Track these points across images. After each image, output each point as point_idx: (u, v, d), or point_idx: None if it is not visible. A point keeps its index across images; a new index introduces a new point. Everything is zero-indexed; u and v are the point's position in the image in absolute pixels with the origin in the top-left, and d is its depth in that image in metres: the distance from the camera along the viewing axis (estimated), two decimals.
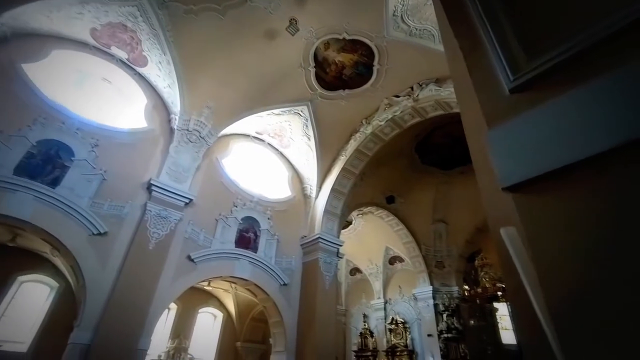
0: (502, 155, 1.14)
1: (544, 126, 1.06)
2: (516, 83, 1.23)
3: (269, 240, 10.47)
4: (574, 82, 1.02)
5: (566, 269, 0.88)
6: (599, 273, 0.81)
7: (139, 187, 8.15)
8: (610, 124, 0.88)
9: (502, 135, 1.17)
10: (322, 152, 11.43)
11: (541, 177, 1.00)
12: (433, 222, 14.63)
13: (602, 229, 0.86)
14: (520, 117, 1.14)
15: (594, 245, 0.86)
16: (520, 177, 1.07)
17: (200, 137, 9.28)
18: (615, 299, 0.75)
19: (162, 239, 7.86)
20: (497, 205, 1.58)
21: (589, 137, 0.94)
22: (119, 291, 6.88)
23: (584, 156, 0.92)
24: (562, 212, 0.93)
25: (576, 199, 0.93)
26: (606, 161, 0.86)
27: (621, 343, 0.70)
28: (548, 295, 0.87)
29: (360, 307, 17.30)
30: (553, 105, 1.05)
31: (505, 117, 1.23)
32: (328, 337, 9.76)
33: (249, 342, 13.66)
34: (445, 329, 13.30)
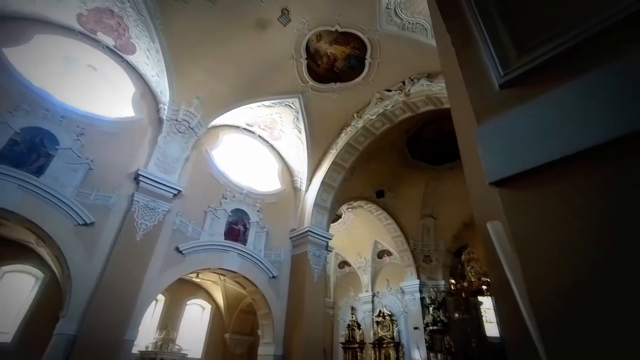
0: (490, 150, 1.14)
1: (531, 122, 1.07)
2: (506, 78, 1.23)
3: (258, 232, 10.45)
4: (562, 79, 1.03)
5: (549, 264, 0.89)
6: (582, 268, 0.83)
7: (126, 178, 8.01)
8: (598, 120, 0.89)
9: (491, 131, 1.17)
10: (312, 145, 11.40)
11: (527, 173, 1.00)
12: (421, 217, 14.80)
13: (585, 224, 0.87)
14: (509, 113, 1.14)
15: (577, 240, 0.87)
16: (507, 172, 1.07)
17: (189, 128, 9.13)
18: (597, 294, 0.77)
19: (149, 230, 7.76)
20: (484, 200, 1.60)
21: (576, 133, 0.95)
22: (106, 282, 6.80)
23: (570, 152, 0.93)
24: (547, 207, 0.95)
25: (561, 194, 0.94)
26: (592, 158, 0.87)
27: (601, 336, 0.72)
28: (531, 289, 0.88)
29: (349, 300, 17.49)
30: (541, 101, 1.06)
31: (494, 113, 1.24)
32: (316, 329, 9.85)
33: (237, 333, 13.71)
34: (431, 322, 13.56)
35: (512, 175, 1.06)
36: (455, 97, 2.15)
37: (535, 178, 1.02)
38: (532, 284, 0.89)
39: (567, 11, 1.09)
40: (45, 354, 6.10)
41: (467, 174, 1.79)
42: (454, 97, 2.17)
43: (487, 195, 1.56)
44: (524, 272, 0.93)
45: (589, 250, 0.82)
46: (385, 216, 14.49)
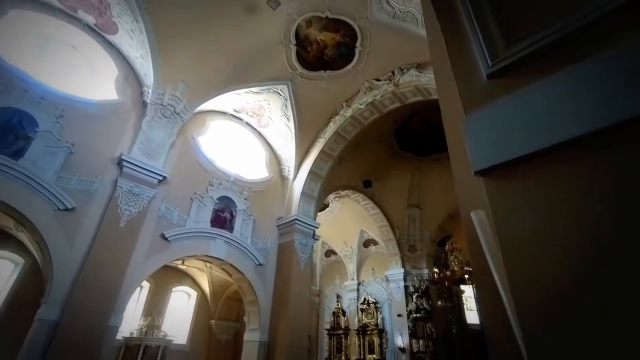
0: (476, 139, 1.15)
1: (518, 112, 1.07)
2: (494, 69, 1.23)
3: (245, 220, 10.41)
4: (549, 70, 1.03)
5: (530, 253, 0.91)
6: (562, 257, 0.85)
7: (109, 163, 7.80)
8: (584, 111, 0.90)
9: (477, 121, 1.18)
10: (300, 133, 11.32)
11: (512, 162, 1.02)
12: (407, 207, 15.00)
13: (567, 213, 0.89)
14: (496, 103, 1.15)
15: (558, 229, 0.89)
16: (491, 161, 1.08)
17: (175, 113, 8.92)
18: (577, 284, 0.79)
19: (134, 216, 7.63)
20: (468, 189, 1.62)
21: (560, 123, 0.96)
22: (89, 268, 6.70)
23: (555, 142, 0.94)
24: (529, 196, 0.96)
25: (543, 184, 0.96)
26: (577, 147, 0.88)
27: (579, 325, 0.74)
28: (512, 277, 0.90)
29: (334, 288, 17.73)
30: (528, 91, 1.06)
31: (481, 103, 1.24)
32: (302, 316, 9.98)
33: (223, 320, 13.77)
34: (414, 309, 13.91)
35: (497, 164, 1.07)
36: (443, 87, 2.16)
37: (520, 168, 1.03)
38: (513, 273, 0.91)
39: (556, 2, 1.09)
40: (27, 340, 6.02)
41: (453, 163, 1.81)
42: (442, 86, 2.17)
43: (472, 184, 1.59)
44: (505, 260, 0.95)
45: (570, 240, 0.84)
46: (372, 206, 14.62)
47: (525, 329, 0.83)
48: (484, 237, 1.25)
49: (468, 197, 1.57)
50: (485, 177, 1.11)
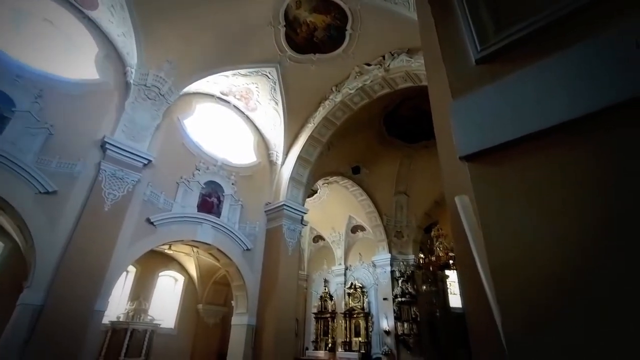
0: (462, 125, 1.15)
1: (504, 98, 1.07)
2: (482, 54, 1.22)
3: (232, 205, 10.35)
4: (536, 56, 1.03)
5: (510, 237, 0.92)
6: (540, 241, 0.86)
7: (92, 145, 7.58)
8: (569, 98, 0.90)
9: (464, 106, 1.18)
10: (289, 118, 11.19)
11: (497, 148, 1.02)
12: (395, 194, 15.16)
13: (547, 199, 0.90)
14: (484, 89, 1.14)
15: (538, 216, 0.90)
16: (477, 147, 1.09)
17: (159, 94, 8.66)
18: (554, 268, 0.80)
19: (118, 200, 7.49)
20: (454, 175, 1.64)
21: (546, 109, 0.96)
22: (73, 252, 6.60)
23: (539, 128, 0.95)
24: (510, 182, 0.97)
25: (527, 170, 0.96)
26: (560, 134, 0.89)
27: (555, 308, 0.76)
28: (492, 261, 0.91)
29: (322, 273, 17.97)
30: (515, 77, 1.06)
31: (469, 88, 1.24)
32: (289, 300, 10.11)
33: (211, 304, 13.85)
34: (399, 294, 14.27)
35: (481, 150, 1.08)
36: (432, 71, 2.15)
37: (504, 154, 1.04)
38: (493, 257, 0.92)
39: None
40: (9, 325, 5.95)
41: (439, 148, 1.82)
42: (431, 71, 2.16)
43: (457, 170, 1.60)
44: (486, 244, 0.96)
45: (551, 225, 0.85)
46: (360, 192, 14.71)
47: (504, 311, 0.85)
48: (467, 222, 1.27)
49: (453, 182, 1.59)
50: (470, 163, 1.12)
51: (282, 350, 9.30)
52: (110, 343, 10.56)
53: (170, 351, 11.88)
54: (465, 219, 1.28)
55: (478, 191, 1.05)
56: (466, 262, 1.32)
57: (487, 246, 0.96)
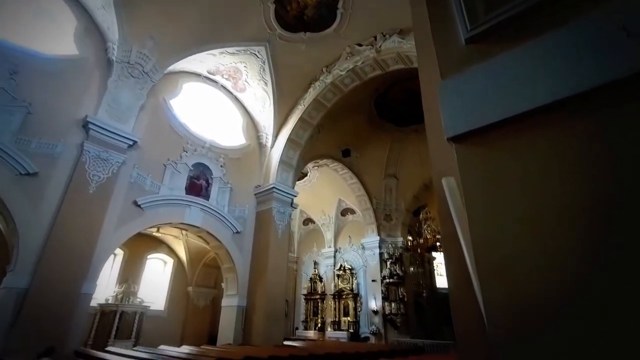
0: (450, 106, 1.14)
1: (492, 78, 1.06)
2: (472, 33, 1.19)
3: (221, 188, 10.27)
4: (525, 36, 1.01)
5: (493, 218, 0.92)
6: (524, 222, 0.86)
7: (73, 125, 7.32)
8: (557, 78, 0.89)
9: (453, 86, 1.16)
10: (279, 99, 11.00)
11: (484, 129, 1.01)
12: (385, 177, 15.26)
13: (531, 182, 0.90)
14: (472, 68, 1.12)
15: (520, 197, 0.90)
16: (464, 128, 1.08)
17: (143, 72, 8.35)
18: (533, 248, 0.80)
19: (103, 182, 7.33)
20: (441, 156, 1.63)
21: (535, 90, 0.95)
22: (57, 235, 6.49)
23: (527, 109, 0.94)
24: (497, 163, 0.96)
25: (510, 151, 0.96)
26: (548, 115, 0.88)
27: (534, 288, 0.77)
28: (475, 240, 0.91)
29: (312, 255, 18.21)
30: (505, 57, 1.04)
31: (458, 68, 1.21)
32: (279, 282, 10.24)
33: (201, 286, 13.94)
34: (387, 275, 14.63)
35: (469, 131, 1.07)
36: (423, 51, 2.11)
37: (491, 135, 1.03)
38: (476, 235, 0.93)
39: None
40: None
41: (428, 130, 1.80)
42: (422, 51, 2.12)
43: (445, 152, 1.59)
44: (470, 224, 0.96)
45: (531, 205, 0.85)
46: (350, 175, 14.76)
47: (485, 289, 0.85)
48: (452, 203, 1.27)
49: (441, 164, 1.58)
50: (457, 144, 1.11)
51: (272, 330, 9.49)
52: (99, 325, 10.58)
53: (161, 333, 11.99)
54: (451, 200, 1.28)
55: (464, 172, 1.04)
56: (451, 242, 1.33)
57: (471, 226, 0.96)
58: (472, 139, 1.05)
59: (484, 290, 0.83)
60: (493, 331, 0.80)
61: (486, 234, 0.89)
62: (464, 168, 1.05)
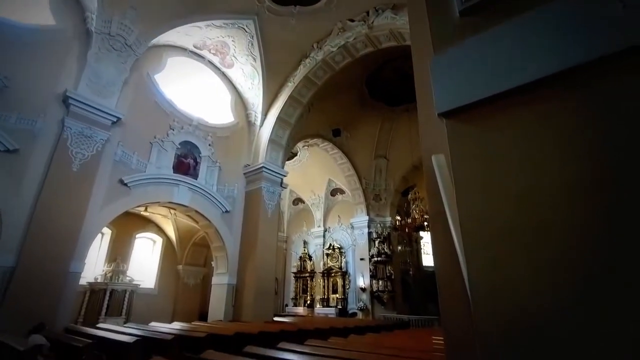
0: (442, 81, 1.11)
1: (485, 52, 1.03)
2: (467, 5, 1.15)
3: (210, 167, 10.14)
4: (519, 8, 0.97)
5: (481, 194, 0.92)
6: (511, 199, 0.85)
7: (53, 100, 7.02)
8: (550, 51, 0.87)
9: (445, 61, 1.13)
10: (268, 76, 10.72)
11: (475, 104, 0.99)
12: (375, 158, 15.29)
13: (519, 156, 0.89)
14: (465, 43, 1.09)
15: (507, 173, 0.89)
16: (455, 103, 1.05)
17: (125, 45, 7.98)
18: (522, 228, 0.80)
19: (87, 160, 7.13)
20: (431, 134, 1.61)
21: (527, 64, 0.93)
22: (42, 213, 6.38)
23: (520, 83, 0.91)
24: (486, 139, 0.95)
25: (500, 128, 0.94)
26: (542, 89, 0.86)
27: (520, 271, 0.77)
28: (462, 216, 0.91)
29: (301, 235, 18.39)
30: (499, 30, 1.01)
31: (451, 42, 1.17)
32: (269, 261, 10.35)
33: (191, 265, 14.00)
34: (376, 254, 14.96)
35: (460, 106, 1.05)
36: (416, 25, 2.04)
37: (481, 110, 1.01)
38: (464, 212, 0.92)
39: None
40: None
41: (419, 106, 1.77)
42: (415, 24, 2.05)
43: (436, 129, 1.56)
44: (458, 200, 0.96)
45: (519, 182, 0.84)
46: (340, 155, 14.73)
47: (470, 263, 0.85)
48: (441, 180, 1.26)
49: (430, 141, 1.56)
50: (448, 120, 1.09)
51: (262, 307, 9.67)
52: (89, 303, 10.61)
53: (152, 310, 12.09)
54: (440, 177, 1.27)
55: (454, 148, 1.03)
56: (439, 219, 1.33)
57: (458, 202, 0.95)
58: (462, 114, 1.03)
59: (469, 265, 0.83)
60: (477, 305, 0.81)
61: (474, 209, 0.88)
62: (454, 144, 1.04)
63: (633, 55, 0.75)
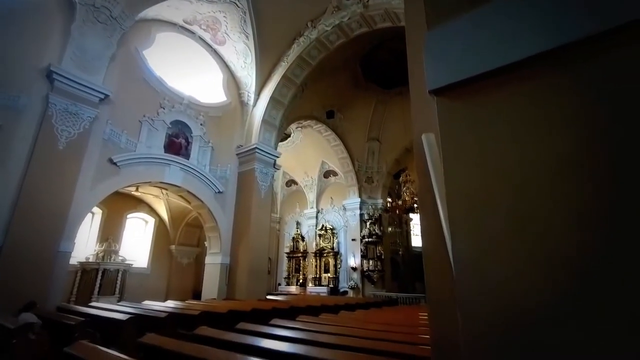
0: (434, 57, 1.08)
1: (479, 27, 0.99)
2: None
3: (202, 147, 10.01)
4: None
5: (469, 171, 0.91)
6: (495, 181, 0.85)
7: (36, 75, 6.76)
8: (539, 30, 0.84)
9: (438, 37, 1.09)
10: (261, 55, 10.46)
11: (467, 81, 0.97)
12: (368, 140, 15.26)
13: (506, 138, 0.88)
14: (460, 17, 1.05)
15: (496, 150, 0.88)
16: (447, 79, 1.03)
17: (111, 18, 7.64)
18: (508, 204, 0.80)
19: (74, 138, 6.97)
20: (423, 113, 1.60)
21: (521, 40, 0.90)
22: (29, 192, 6.27)
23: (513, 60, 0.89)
24: (477, 117, 0.93)
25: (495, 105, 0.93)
26: (532, 67, 0.84)
27: (504, 247, 0.77)
28: (449, 192, 0.91)
29: (294, 216, 18.52)
30: (490, 6, 0.97)
31: (446, 17, 1.13)
32: (262, 241, 10.44)
33: (184, 245, 14.06)
34: (367, 235, 15.20)
35: (452, 83, 1.03)
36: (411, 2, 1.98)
37: (473, 87, 0.99)
38: (451, 188, 0.92)
39: None
40: None
41: (411, 85, 1.75)
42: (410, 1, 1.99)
43: (427, 107, 1.55)
44: (446, 177, 0.95)
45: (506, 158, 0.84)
46: (333, 137, 14.66)
47: (456, 239, 0.86)
48: (430, 157, 1.25)
49: (421, 120, 1.55)
50: (439, 97, 1.07)
51: (255, 286, 9.83)
52: (81, 283, 10.63)
53: (145, 289, 12.19)
54: (430, 156, 1.27)
55: (443, 125, 1.02)
56: (427, 196, 1.34)
57: (446, 179, 0.95)
58: (454, 91, 1.02)
59: (453, 240, 0.84)
60: (459, 281, 0.82)
61: (461, 185, 0.88)
62: (444, 121, 1.03)
63: (633, 30, 0.74)
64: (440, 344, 1.25)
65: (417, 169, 1.38)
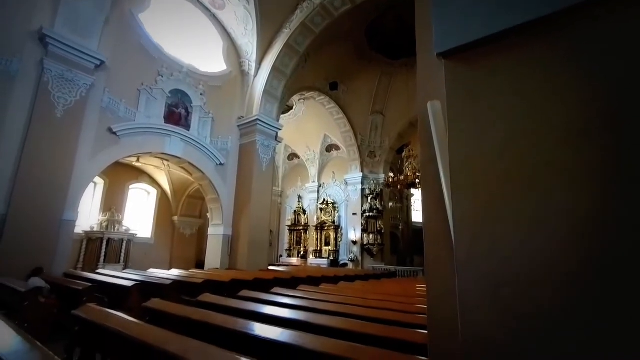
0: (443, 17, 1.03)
1: None
2: None
3: (202, 118, 9.88)
4: None
5: (475, 139, 0.88)
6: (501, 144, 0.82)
7: (28, 38, 6.52)
8: None
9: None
10: (263, 21, 10.04)
11: (473, 44, 0.92)
12: (371, 114, 15.00)
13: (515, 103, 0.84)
14: None
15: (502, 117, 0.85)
16: (454, 42, 0.98)
17: None
18: (512, 172, 0.78)
19: (71, 105, 6.85)
20: (430, 79, 1.53)
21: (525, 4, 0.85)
22: (29, 161, 6.27)
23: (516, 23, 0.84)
24: (484, 81, 0.88)
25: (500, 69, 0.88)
26: (535, 30, 0.79)
27: (504, 218, 0.75)
28: (453, 161, 0.87)
29: (296, 190, 18.61)
30: None
31: None
32: (263, 213, 10.53)
33: (186, 216, 14.23)
34: (368, 209, 15.32)
35: (458, 46, 0.97)
36: None
37: (479, 51, 0.94)
38: (455, 156, 0.89)
39: None
40: None
41: (419, 52, 1.67)
42: None
43: (434, 75, 1.48)
44: (450, 145, 0.92)
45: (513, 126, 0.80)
46: (337, 110, 14.41)
47: (457, 206, 0.84)
48: (435, 126, 1.21)
49: (428, 87, 1.49)
50: (447, 60, 1.02)
51: (257, 257, 10.04)
52: (87, 251, 10.89)
53: (149, 258, 12.48)
54: (434, 123, 1.22)
55: (451, 90, 0.97)
56: (429, 166, 1.30)
57: (451, 146, 0.91)
58: (461, 54, 0.97)
59: (455, 209, 0.82)
60: (459, 251, 0.81)
61: (465, 153, 0.85)
62: (452, 85, 0.98)
63: None
64: (436, 312, 1.25)
65: (421, 138, 1.33)
